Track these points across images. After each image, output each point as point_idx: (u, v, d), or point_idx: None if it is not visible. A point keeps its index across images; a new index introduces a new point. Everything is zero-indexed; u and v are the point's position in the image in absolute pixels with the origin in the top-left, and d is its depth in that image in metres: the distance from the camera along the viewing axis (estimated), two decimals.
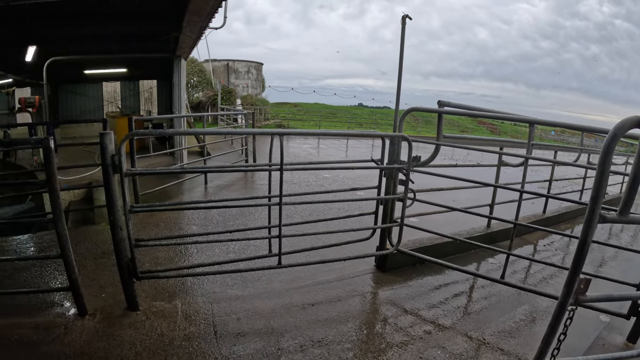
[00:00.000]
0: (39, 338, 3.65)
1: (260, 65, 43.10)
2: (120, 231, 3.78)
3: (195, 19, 8.65)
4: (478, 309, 4.45)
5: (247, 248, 5.70)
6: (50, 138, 3.58)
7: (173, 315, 3.97)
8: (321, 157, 15.98)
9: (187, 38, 10.29)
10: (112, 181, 3.67)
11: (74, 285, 3.83)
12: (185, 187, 9.43)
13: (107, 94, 25.13)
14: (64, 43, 14.94)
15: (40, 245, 6.15)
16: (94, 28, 13.47)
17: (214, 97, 34.15)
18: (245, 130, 9.96)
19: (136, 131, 4.86)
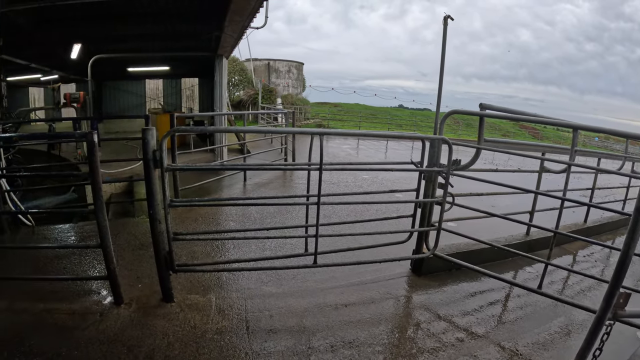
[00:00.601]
0: (74, 323, 3.81)
1: (301, 65, 43.26)
2: (159, 225, 3.88)
3: (237, 19, 8.75)
4: (513, 319, 4.38)
5: (284, 246, 5.75)
6: (94, 132, 3.69)
7: (207, 309, 4.05)
8: (360, 158, 15.95)
9: (228, 37, 10.42)
10: (153, 176, 3.77)
11: (112, 274, 3.97)
12: (224, 183, 9.58)
13: (149, 91, 25.80)
14: (108, 41, 15.39)
15: (80, 234, 6.36)
16: (137, 27, 13.84)
17: (254, 95, 34.45)
18: (285, 129, 10.03)
19: (177, 127, 4.96)
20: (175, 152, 7.21)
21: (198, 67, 19.75)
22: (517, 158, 17.59)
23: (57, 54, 15.43)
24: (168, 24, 13.55)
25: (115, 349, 3.42)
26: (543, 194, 5.05)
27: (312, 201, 4.42)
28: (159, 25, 13.58)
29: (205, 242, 5.78)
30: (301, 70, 43.52)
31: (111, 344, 3.48)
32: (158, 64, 18.87)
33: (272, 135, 15.73)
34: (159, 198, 3.83)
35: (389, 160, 15.85)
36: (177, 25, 13.05)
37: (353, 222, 5.27)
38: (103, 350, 3.41)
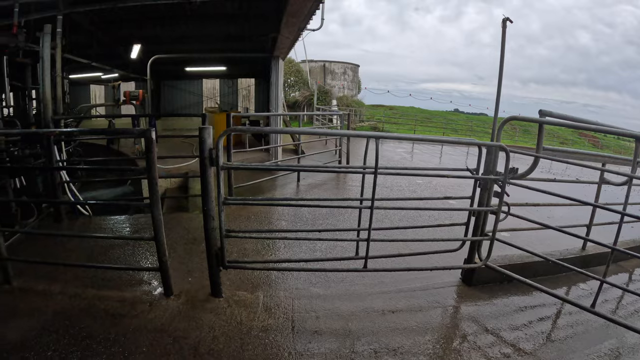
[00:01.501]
0: (124, 311, 3.99)
1: (356, 67, 43.28)
2: (213, 221, 4.01)
3: (293, 21, 8.83)
4: (562, 337, 4.24)
5: (334, 248, 5.78)
6: (152, 129, 3.84)
7: (254, 306, 4.12)
8: (414, 162, 15.81)
9: (284, 39, 10.54)
10: (208, 173, 3.90)
11: (163, 267, 4.13)
12: (277, 183, 9.70)
13: (206, 90, 26.47)
14: (166, 41, 15.94)
15: (135, 226, 6.59)
16: (195, 28, 14.23)
17: (310, 97, 34.67)
18: (340, 131, 10.04)
19: (234, 127, 5.06)
20: (231, 150, 7.37)
21: (254, 68, 20.14)
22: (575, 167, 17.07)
23: (117, 54, 16.13)
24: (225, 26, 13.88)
25: (161, 339, 3.56)
26: (602, 207, 4.86)
27: (365, 205, 4.42)
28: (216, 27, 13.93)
29: (257, 240, 5.88)
30: (356, 72, 43.54)
31: (158, 333, 3.62)
32: (215, 64, 19.34)
33: (326, 136, 15.77)
34: (213, 195, 3.95)
35: (443, 165, 15.64)
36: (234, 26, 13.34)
37: (405, 228, 5.25)
38: (150, 339, 3.55)
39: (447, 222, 5.26)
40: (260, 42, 13.36)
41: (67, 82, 10.45)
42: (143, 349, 3.44)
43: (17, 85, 10.39)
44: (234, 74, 23.53)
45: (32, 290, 4.53)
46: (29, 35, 8.14)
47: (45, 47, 7.40)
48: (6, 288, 4.62)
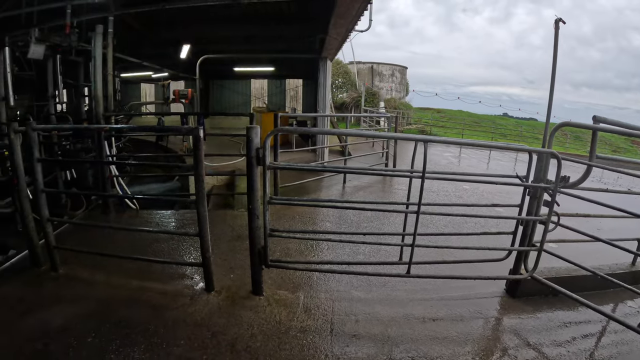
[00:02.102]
0: (165, 303, 4.10)
1: (404, 68, 42.86)
2: (257, 220, 4.05)
3: (341, 22, 8.83)
4: (606, 356, 4.06)
5: (377, 252, 5.73)
6: (200, 128, 3.93)
7: (294, 306, 4.13)
8: (461, 167, 15.56)
9: (332, 40, 10.55)
10: (255, 172, 3.95)
11: (206, 262, 4.22)
12: (323, 184, 9.75)
13: (254, 90, 26.84)
14: (215, 42, 16.25)
15: (180, 221, 6.74)
16: (243, 29, 14.41)
17: (357, 98, 34.58)
18: (387, 134, 9.92)
19: (281, 127, 5.10)
20: (278, 150, 7.43)
21: (302, 69, 20.28)
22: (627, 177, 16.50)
23: (166, 53, 16.55)
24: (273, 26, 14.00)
25: (200, 333, 3.62)
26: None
27: (411, 209, 4.37)
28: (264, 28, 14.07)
29: (300, 240, 5.89)
30: (404, 74, 43.11)
31: (197, 327, 3.69)
32: (263, 64, 19.62)
33: (373, 138, 15.71)
34: (259, 194, 3.99)
35: (490, 171, 15.32)
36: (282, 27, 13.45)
37: (450, 234, 5.18)
38: (188, 332, 3.62)
39: (494, 230, 5.15)
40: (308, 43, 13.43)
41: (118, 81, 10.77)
42: (181, 342, 3.50)
43: (70, 82, 10.74)
44: (282, 74, 23.86)
45: (78, 278, 4.73)
46: (81, 35, 8.47)
47: (97, 47, 7.69)
48: (52, 275, 4.86)
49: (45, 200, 4.83)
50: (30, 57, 7.86)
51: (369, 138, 15.91)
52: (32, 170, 4.69)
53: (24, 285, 4.70)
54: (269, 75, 24.49)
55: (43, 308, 4.15)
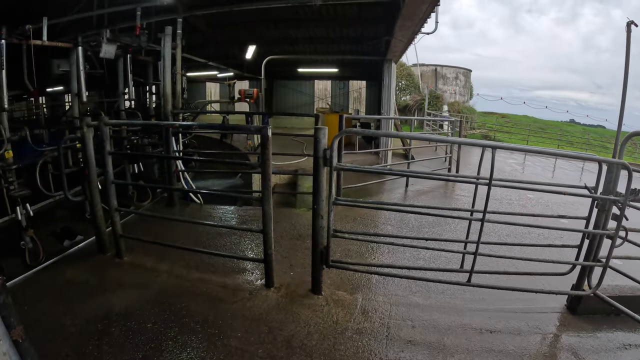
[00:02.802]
0: (224, 296, 4.23)
1: (468, 71, 41.92)
2: (321, 220, 4.08)
3: (407, 24, 8.73)
4: None
5: (437, 258, 5.65)
6: (268, 127, 4.01)
7: (351, 307, 4.13)
8: (525, 175, 15.06)
9: (398, 42, 10.45)
10: (321, 173, 3.97)
11: (268, 259, 4.32)
12: (385, 187, 9.71)
13: (318, 91, 27.04)
14: (279, 43, 16.50)
15: (242, 217, 6.90)
16: (308, 30, 14.57)
17: (421, 101, 34.21)
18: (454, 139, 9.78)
19: (348, 129, 5.11)
20: (342, 151, 7.47)
21: (366, 70, 20.29)
22: None
23: (232, 54, 16.99)
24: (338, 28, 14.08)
25: (257, 327, 3.69)
26: None
27: (476, 217, 4.29)
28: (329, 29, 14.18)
29: (361, 242, 5.90)
30: (469, 78, 42.16)
31: (254, 322, 3.77)
32: (327, 65, 19.70)
33: (436, 142, 15.51)
34: (324, 195, 4.02)
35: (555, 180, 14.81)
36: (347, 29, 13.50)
37: (513, 245, 5.05)
38: (246, 326, 3.70)
39: (557, 242, 4.99)
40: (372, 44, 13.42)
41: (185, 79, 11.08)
42: (238, 334, 3.59)
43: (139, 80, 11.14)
44: (346, 75, 23.92)
45: (141, 266, 4.95)
46: (150, 36, 8.80)
47: (166, 47, 7.98)
48: (117, 262, 5.13)
49: (115, 191, 5.04)
50: (102, 56, 8.21)
51: (432, 142, 15.76)
52: (103, 162, 4.90)
53: (89, 270, 4.96)
54: (333, 76, 24.60)
55: (107, 292, 4.38)
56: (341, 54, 17.11)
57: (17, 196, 6.17)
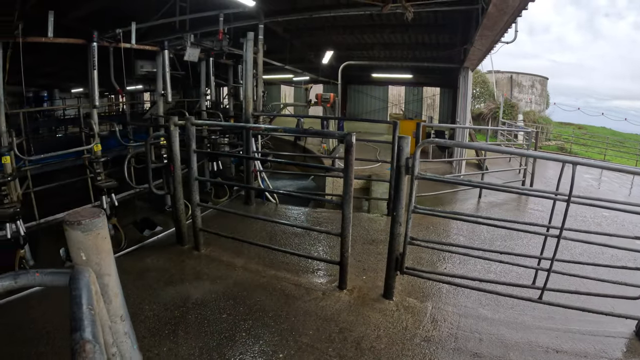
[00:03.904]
0: (298, 294, 4.39)
1: (545, 79, 40.31)
2: (399, 227, 4.16)
3: (487, 34, 8.63)
4: None
5: (508, 273, 5.59)
6: (352, 134, 4.14)
7: (421, 315, 4.17)
8: (602, 191, 14.46)
9: (477, 51, 10.33)
10: (402, 181, 4.07)
11: (344, 261, 4.44)
12: (458, 197, 9.66)
13: (391, 97, 27.08)
14: (355, 48, 16.77)
15: (316, 219, 7.12)
16: (383, 36, 14.67)
17: (495, 109, 33.34)
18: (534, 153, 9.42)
19: (431, 140, 5.14)
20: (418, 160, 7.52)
21: (441, 77, 20.17)
22: None
23: (307, 58, 17.35)
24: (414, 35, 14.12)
25: (328, 326, 3.81)
26: None
27: (552, 233, 4.26)
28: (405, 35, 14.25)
29: (432, 250, 5.92)
30: (545, 86, 40.52)
31: (326, 321, 3.89)
32: (401, 71, 19.69)
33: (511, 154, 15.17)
34: (404, 202, 4.10)
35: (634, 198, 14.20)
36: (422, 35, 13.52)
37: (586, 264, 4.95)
38: (317, 324, 3.83)
39: (631, 264, 4.86)
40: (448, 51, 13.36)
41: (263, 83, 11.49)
42: (310, 332, 3.72)
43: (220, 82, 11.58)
44: (420, 81, 23.79)
45: (218, 259, 5.20)
46: (231, 40, 9.19)
47: (248, 52, 8.26)
48: (195, 254, 5.41)
49: (197, 187, 5.32)
50: (186, 59, 8.64)
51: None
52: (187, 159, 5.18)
53: (168, 260, 5.26)
54: (407, 82, 24.55)
55: (184, 282, 4.65)
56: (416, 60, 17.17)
57: (104, 187, 6.54)
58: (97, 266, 1.60)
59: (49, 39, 6.34)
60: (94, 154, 7.06)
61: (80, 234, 1.54)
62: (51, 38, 6.35)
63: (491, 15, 7.10)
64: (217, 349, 3.50)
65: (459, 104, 13.79)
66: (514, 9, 6.82)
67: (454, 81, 15.29)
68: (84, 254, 1.56)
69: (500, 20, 7.59)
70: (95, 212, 1.62)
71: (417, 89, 26.22)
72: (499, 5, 6.49)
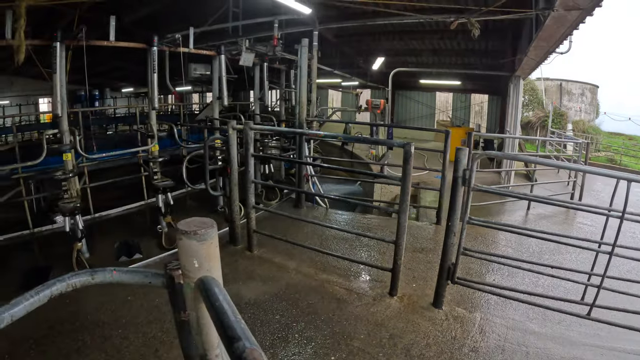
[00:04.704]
0: (348, 299, 4.49)
1: (595, 88, 38.84)
2: (453, 237, 4.21)
3: (542, 45, 8.53)
4: None
5: (556, 287, 5.56)
6: (411, 144, 4.26)
7: (469, 325, 4.21)
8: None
9: (530, 60, 10.21)
10: (459, 192, 4.12)
11: (397, 268, 4.53)
12: (506, 207, 9.58)
13: (439, 103, 26.80)
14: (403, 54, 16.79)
15: (366, 225, 7.27)
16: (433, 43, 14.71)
17: (544, 118, 32.49)
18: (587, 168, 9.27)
19: (488, 152, 5.19)
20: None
21: (489, 84, 19.93)
22: None
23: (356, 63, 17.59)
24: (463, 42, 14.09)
25: (378, 332, 3.90)
26: None
27: (604, 249, 4.26)
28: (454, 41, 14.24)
29: (481, 261, 5.89)
30: (595, 94, 39.02)
31: (377, 326, 3.98)
32: (449, 77, 19.64)
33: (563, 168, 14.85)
34: (459, 213, 4.16)
35: None
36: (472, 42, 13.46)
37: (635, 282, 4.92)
38: (368, 329, 3.93)
39: None
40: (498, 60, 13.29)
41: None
42: (361, 336, 3.81)
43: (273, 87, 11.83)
44: (468, 89, 23.56)
45: (270, 261, 5.37)
46: (284, 45, 9.46)
47: (303, 58, 8.41)
48: (248, 254, 5.60)
49: (254, 190, 5.49)
50: (241, 64, 8.87)
51: None
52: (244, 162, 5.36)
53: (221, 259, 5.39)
54: (455, 89, 24.26)
55: (237, 282, 4.82)
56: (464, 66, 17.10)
57: (161, 186, 6.77)
58: (207, 272, 1.73)
59: (110, 43, 6.53)
60: (151, 154, 7.31)
61: (196, 243, 1.67)
62: (113, 42, 6.54)
63: (548, 28, 7.07)
64: (270, 348, 3.63)
65: (509, 113, 13.61)
66: (571, 22, 6.78)
67: (503, 88, 15.14)
68: (197, 262, 1.70)
69: (557, 33, 7.54)
70: (207, 222, 1.75)
71: (465, 95, 25.83)
72: (558, 19, 6.48)
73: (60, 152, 6.26)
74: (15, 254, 6.75)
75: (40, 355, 3.66)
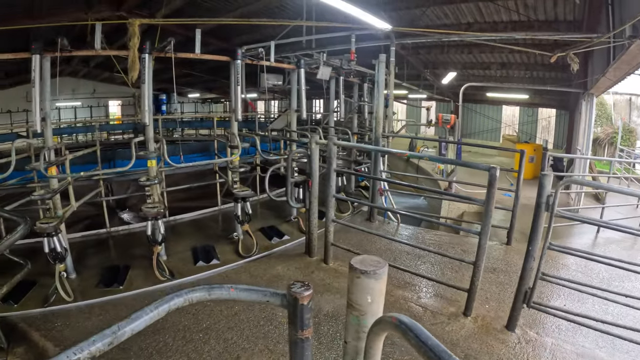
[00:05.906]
0: (424, 316, 4.66)
1: None
2: (533, 261, 4.26)
3: (624, 67, 8.30)
4: None
5: (625, 316, 5.45)
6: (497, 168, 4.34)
7: (541, 350, 4.26)
8: None
9: (607, 80, 10.01)
10: (541, 217, 4.17)
11: (473, 289, 4.64)
12: (574, 230, 9.45)
13: (505, 117, 26.26)
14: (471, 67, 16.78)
15: (436, 242, 7.35)
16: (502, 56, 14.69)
17: (613, 134, 31.24)
18: None
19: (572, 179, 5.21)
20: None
21: (557, 98, 19.49)
22: None
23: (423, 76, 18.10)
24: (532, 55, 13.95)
25: (454, 351, 3.88)
26: None
27: None
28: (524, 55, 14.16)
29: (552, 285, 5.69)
30: None
31: (452, 346, 4.10)
32: (516, 91, 19.28)
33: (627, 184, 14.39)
34: (540, 238, 4.21)
35: None
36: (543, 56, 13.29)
37: None
38: None
39: None
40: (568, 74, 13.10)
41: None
42: None
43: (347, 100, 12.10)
44: (535, 102, 22.81)
45: (345, 274, 5.43)
46: (360, 60, 9.64)
47: (380, 73, 8.59)
48: (323, 266, 5.83)
49: (334, 204, 5.70)
50: (319, 77, 9.11)
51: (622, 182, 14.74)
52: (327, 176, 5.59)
53: (298, 269, 5.73)
54: (522, 102, 23.66)
55: (315, 293, 4.88)
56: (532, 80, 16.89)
57: (241, 196, 7.06)
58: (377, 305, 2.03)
59: (197, 55, 6.76)
60: (231, 163, 7.62)
61: (373, 281, 1.93)
62: (199, 54, 6.76)
63: (632, 52, 7.00)
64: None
65: (580, 131, 13.22)
66: None
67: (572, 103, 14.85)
68: (370, 297, 1.96)
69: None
70: (380, 262, 1.99)
71: (532, 109, 25.19)
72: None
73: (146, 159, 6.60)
74: (93, 251, 7.09)
75: (122, 353, 3.95)
